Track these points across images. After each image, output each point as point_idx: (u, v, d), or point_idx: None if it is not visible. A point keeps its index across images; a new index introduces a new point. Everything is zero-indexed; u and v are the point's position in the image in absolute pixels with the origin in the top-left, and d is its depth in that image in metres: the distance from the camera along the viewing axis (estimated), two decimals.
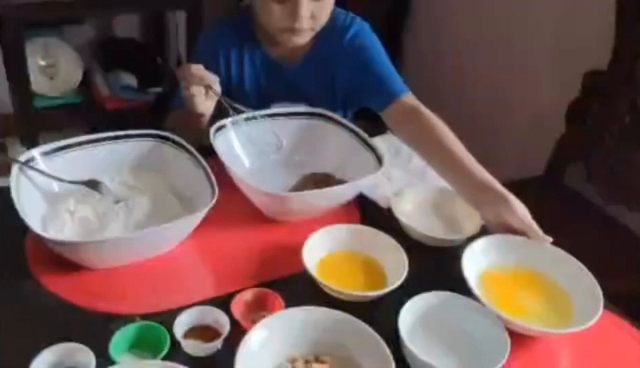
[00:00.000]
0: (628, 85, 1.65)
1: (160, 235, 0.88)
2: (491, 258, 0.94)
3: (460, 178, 0.99)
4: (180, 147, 1.01)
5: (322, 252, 0.93)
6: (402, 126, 1.09)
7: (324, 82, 1.18)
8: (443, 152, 1.01)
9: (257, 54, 1.17)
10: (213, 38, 1.18)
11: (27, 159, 0.92)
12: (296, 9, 1.02)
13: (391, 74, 1.13)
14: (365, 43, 1.14)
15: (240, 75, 1.17)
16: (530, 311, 0.89)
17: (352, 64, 1.14)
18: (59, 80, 2.13)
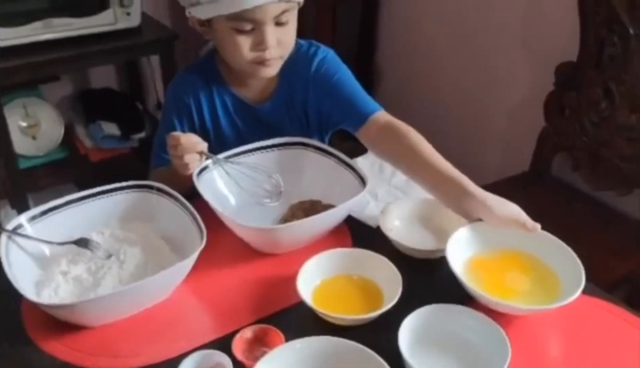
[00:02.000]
0: (599, 72, 1.68)
1: (155, 285, 0.89)
2: (476, 246, 0.96)
3: (440, 189, 1.01)
4: (166, 194, 1.02)
5: (317, 279, 0.94)
6: (377, 144, 1.10)
7: (297, 116, 1.19)
8: (420, 164, 1.02)
9: (228, 97, 1.17)
10: (180, 89, 1.17)
11: (15, 226, 0.93)
12: (263, 37, 1.02)
13: (361, 95, 1.14)
14: (331, 70, 1.15)
15: (215, 121, 1.17)
16: (518, 292, 0.90)
17: (321, 92, 1.15)
18: (42, 139, 2.14)
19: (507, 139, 2.12)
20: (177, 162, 1.01)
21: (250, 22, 1.01)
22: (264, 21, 1.01)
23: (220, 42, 1.09)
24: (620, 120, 1.64)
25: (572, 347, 0.87)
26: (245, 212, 1.07)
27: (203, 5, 1.02)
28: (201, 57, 1.21)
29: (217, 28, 1.06)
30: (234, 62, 1.09)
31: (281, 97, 1.17)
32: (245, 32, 1.03)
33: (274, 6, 1.00)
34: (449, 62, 2.25)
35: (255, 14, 1.00)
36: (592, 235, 1.66)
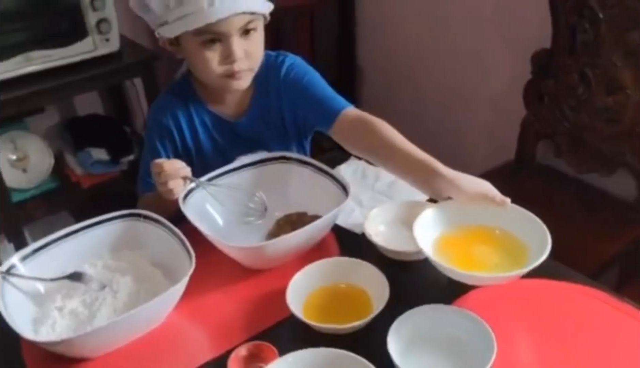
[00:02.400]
0: (573, 58, 1.70)
1: (149, 312, 0.91)
2: (445, 224, 0.98)
3: (411, 173, 1.03)
4: (153, 221, 1.04)
5: (306, 291, 0.96)
6: (350, 138, 1.12)
7: (274, 126, 1.21)
8: (391, 152, 1.04)
9: (206, 115, 1.19)
10: (159, 111, 1.19)
11: (8, 267, 0.95)
12: (230, 50, 1.05)
13: (330, 94, 1.16)
14: (299, 73, 1.18)
15: (196, 140, 1.20)
16: (487, 265, 0.93)
17: (293, 97, 1.18)
18: (32, 171, 2.16)
19: (491, 129, 2.14)
20: (162, 189, 1.03)
21: (217, 36, 1.04)
22: (229, 34, 1.04)
23: (190, 58, 1.12)
24: (598, 103, 1.67)
25: (558, 335, 0.89)
26: (234, 231, 1.10)
27: (170, 24, 1.05)
28: (177, 79, 1.24)
29: (185, 45, 1.09)
30: (206, 78, 1.12)
31: (257, 110, 1.19)
32: (213, 46, 1.05)
33: (238, 18, 1.03)
34: (427, 57, 2.28)
35: (221, 27, 1.02)
36: (581, 218, 1.69)
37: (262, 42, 1.12)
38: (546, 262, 1.00)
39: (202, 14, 1.00)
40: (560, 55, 1.73)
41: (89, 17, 1.91)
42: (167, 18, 1.05)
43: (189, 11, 1.01)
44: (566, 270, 1.01)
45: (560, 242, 1.56)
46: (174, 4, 1.03)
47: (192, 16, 1.01)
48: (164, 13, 1.05)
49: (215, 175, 1.13)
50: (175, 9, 1.03)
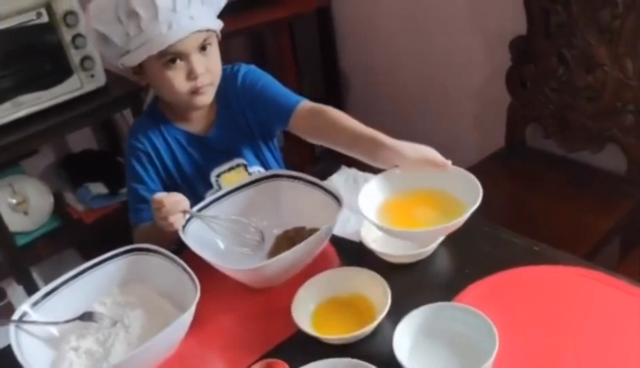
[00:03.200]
0: (550, 42, 1.73)
1: (161, 342, 0.93)
2: (388, 191, 1.03)
3: (358, 147, 1.07)
4: (157, 253, 1.07)
5: (310, 305, 0.99)
6: (305, 128, 1.18)
7: (242, 133, 1.27)
8: (338, 131, 1.11)
9: (178, 134, 1.24)
10: (135, 139, 1.22)
11: (20, 315, 0.98)
12: (191, 67, 1.12)
13: (284, 92, 1.23)
14: (254, 79, 1.25)
15: (174, 159, 1.24)
16: (426, 223, 0.97)
17: (252, 102, 1.24)
18: (33, 213, 2.19)
19: (478, 119, 2.17)
20: (162, 223, 1.06)
21: (178, 56, 1.11)
22: (189, 52, 1.11)
23: (155, 82, 1.17)
24: (579, 83, 1.70)
25: (559, 320, 0.91)
26: (235, 251, 1.12)
27: (132, 52, 1.11)
28: (146, 108, 1.30)
29: (149, 70, 1.14)
30: (173, 97, 1.17)
31: (223, 121, 1.25)
32: (175, 66, 1.12)
33: (195, 37, 1.10)
34: (407, 56, 2.31)
35: (180, 47, 1.10)
36: (576, 197, 1.72)
37: (219, 58, 1.19)
38: (540, 249, 1.04)
39: (162, 37, 1.07)
40: (537, 40, 1.76)
41: (72, 56, 1.94)
42: (129, 47, 1.10)
43: (150, 37, 1.08)
44: (561, 254, 1.03)
45: (557, 222, 1.61)
46: (134, 32, 1.08)
47: (153, 41, 1.08)
48: (126, 43, 1.10)
49: (209, 202, 1.15)
50: (135, 37, 1.09)
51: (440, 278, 1.03)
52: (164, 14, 1.06)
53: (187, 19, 1.08)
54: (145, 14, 1.06)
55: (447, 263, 1.06)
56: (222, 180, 1.26)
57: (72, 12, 1.88)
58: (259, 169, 1.29)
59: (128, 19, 1.07)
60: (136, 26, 1.08)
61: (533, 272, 0.98)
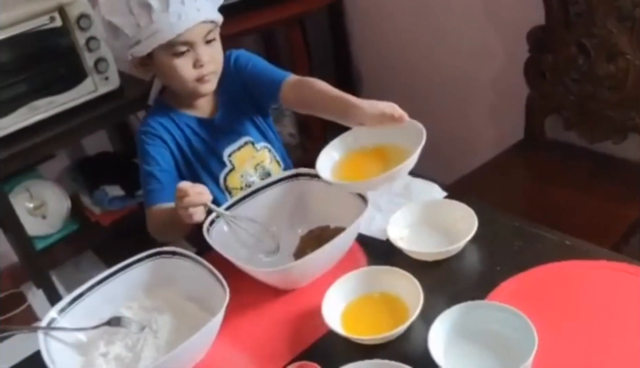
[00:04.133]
0: (569, 31, 1.70)
1: (192, 346, 0.92)
2: (343, 150, 1.10)
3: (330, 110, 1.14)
4: (183, 256, 1.06)
5: (341, 305, 0.97)
6: (293, 101, 1.24)
7: (243, 111, 1.33)
8: (316, 97, 1.18)
9: (190, 120, 1.29)
10: (149, 127, 1.26)
11: (48, 322, 0.97)
12: (198, 56, 1.18)
13: (272, 69, 1.30)
14: (244, 60, 1.32)
15: (189, 144, 1.28)
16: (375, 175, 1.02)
17: (244, 83, 1.31)
18: (51, 217, 2.19)
19: (496, 111, 2.14)
20: (182, 212, 1.05)
21: (185, 45, 1.16)
22: (195, 41, 1.17)
23: (164, 71, 1.21)
24: (600, 72, 1.67)
25: (592, 315, 0.90)
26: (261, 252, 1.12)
27: (143, 42, 1.15)
28: (153, 104, 1.34)
29: (158, 60, 1.19)
30: (179, 85, 1.22)
31: (225, 104, 1.31)
32: (183, 54, 1.17)
33: (200, 27, 1.16)
34: (422, 48, 2.28)
35: (188, 36, 1.15)
36: (600, 188, 1.69)
37: (221, 48, 1.24)
38: (573, 243, 1.02)
39: (172, 27, 1.13)
40: (555, 30, 1.73)
41: (86, 59, 1.93)
42: (140, 37, 1.15)
43: (159, 27, 1.12)
44: (594, 248, 1.01)
45: (581, 214, 1.58)
46: (145, 22, 1.13)
47: (163, 31, 1.13)
48: (136, 33, 1.15)
49: (234, 202, 1.15)
50: (146, 27, 1.13)
51: (471, 275, 1.01)
52: (174, 6, 1.12)
53: (195, 11, 1.14)
54: (157, 5, 1.11)
55: (477, 260, 1.04)
56: (234, 158, 1.30)
57: (85, 15, 1.88)
58: (265, 145, 1.34)
59: (140, 10, 1.12)
60: (147, 17, 1.12)
61: (567, 267, 0.96)
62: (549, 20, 1.74)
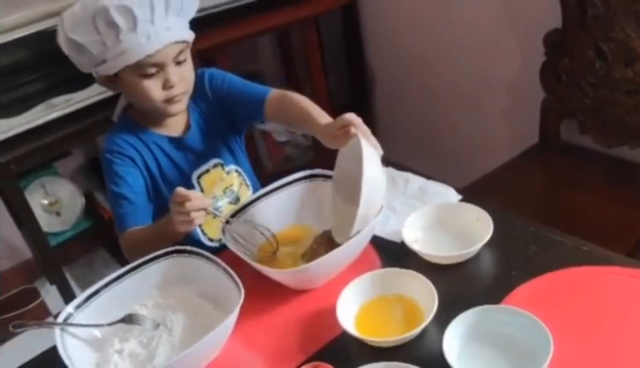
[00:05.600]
0: (586, 34, 1.69)
1: (207, 345, 0.92)
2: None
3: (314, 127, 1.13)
4: (198, 255, 1.06)
5: (355, 306, 0.97)
6: (276, 116, 1.24)
7: (216, 129, 1.30)
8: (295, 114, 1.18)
9: (159, 139, 1.24)
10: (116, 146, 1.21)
11: (65, 317, 0.98)
12: (168, 77, 1.13)
13: (251, 86, 1.28)
14: (219, 80, 1.29)
15: (157, 164, 1.24)
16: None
17: (221, 101, 1.28)
18: (66, 213, 2.22)
19: (511, 115, 2.13)
20: (181, 219, 1.03)
21: (154, 66, 1.12)
22: (165, 63, 1.13)
23: (131, 91, 1.17)
24: (617, 76, 1.65)
25: (608, 321, 0.89)
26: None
27: (109, 62, 1.11)
28: (117, 121, 1.29)
29: (125, 79, 1.14)
30: (148, 105, 1.17)
31: (196, 124, 1.28)
32: (151, 76, 1.13)
33: (171, 48, 1.12)
34: (437, 50, 2.28)
35: (158, 57, 1.11)
36: (615, 193, 1.68)
37: (192, 67, 1.20)
38: (589, 248, 1.01)
39: (140, 48, 1.08)
40: (572, 33, 1.72)
41: None
42: (106, 56, 1.10)
43: (128, 47, 1.08)
44: (611, 253, 1.00)
45: (597, 219, 1.57)
46: (112, 42, 1.08)
47: (131, 51, 1.09)
48: (102, 52, 1.10)
49: (245, 205, 1.16)
50: (113, 47, 1.09)
51: (486, 279, 1.01)
52: (142, 25, 1.07)
53: (164, 30, 1.10)
54: (125, 25, 1.06)
55: (492, 264, 1.03)
56: (203, 181, 1.27)
57: None
58: (235, 168, 1.31)
59: (107, 30, 1.07)
60: (114, 36, 1.07)
61: (583, 272, 0.96)
62: (566, 23, 1.73)
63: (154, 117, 1.23)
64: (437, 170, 1.79)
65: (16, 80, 1.87)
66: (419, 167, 1.18)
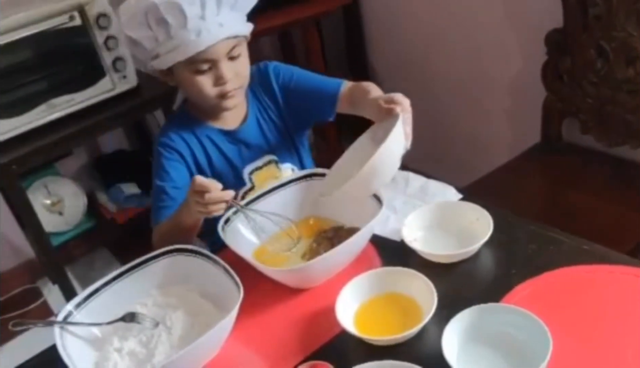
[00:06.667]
0: (588, 34, 1.69)
1: (206, 344, 0.92)
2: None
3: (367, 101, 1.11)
4: (198, 254, 1.06)
5: (354, 305, 0.97)
6: (347, 106, 1.21)
7: (273, 124, 1.28)
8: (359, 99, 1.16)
9: (211, 132, 1.24)
10: (168, 139, 1.21)
11: (65, 316, 0.98)
12: (220, 73, 1.12)
13: (322, 80, 1.25)
14: (288, 74, 1.27)
15: (208, 160, 1.24)
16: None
17: (290, 97, 1.26)
18: (68, 213, 2.22)
19: (513, 114, 2.13)
20: (201, 209, 1.02)
21: (207, 62, 1.11)
22: (218, 59, 1.11)
23: (184, 86, 1.18)
24: (619, 76, 1.65)
25: (609, 320, 0.88)
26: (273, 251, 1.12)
27: (161, 57, 1.11)
28: (175, 111, 1.29)
29: (178, 74, 1.15)
30: (201, 100, 1.18)
31: (255, 114, 1.27)
32: (204, 71, 1.12)
33: (224, 44, 1.10)
34: (439, 50, 2.27)
35: (209, 54, 1.10)
36: (617, 193, 1.67)
37: (248, 62, 1.19)
38: (590, 247, 1.01)
39: (191, 44, 1.08)
40: (574, 32, 1.72)
41: (105, 58, 1.96)
42: (158, 51, 1.11)
43: (179, 43, 1.08)
44: (612, 252, 0.99)
45: (598, 219, 1.57)
46: (164, 37, 1.09)
47: (182, 47, 1.08)
48: (154, 47, 1.11)
49: (246, 202, 1.15)
50: (165, 42, 1.09)
51: (486, 278, 1.00)
52: (193, 22, 1.06)
53: (216, 26, 1.08)
54: (174, 22, 1.06)
55: (492, 263, 1.03)
56: (255, 177, 1.26)
57: (104, 15, 1.90)
58: (291, 167, 1.29)
59: (157, 26, 1.08)
60: (165, 33, 1.08)
61: (583, 271, 0.95)
62: (568, 23, 1.72)
63: (210, 111, 1.23)
64: (437, 169, 1.79)
65: (18, 80, 1.88)
66: (419, 166, 1.18)
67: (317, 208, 1.18)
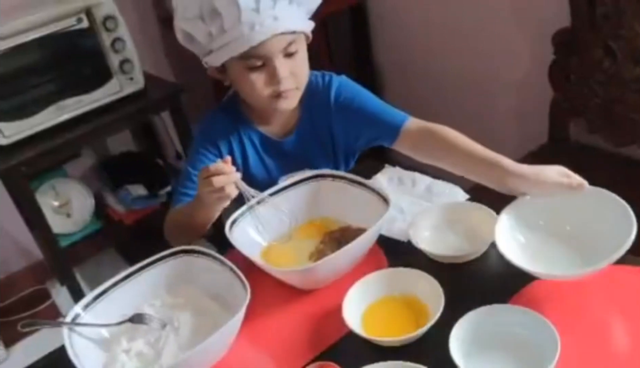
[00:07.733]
0: (595, 33, 1.68)
1: (213, 345, 0.93)
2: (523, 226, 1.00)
3: (483, 176, 1.05)
4: (204, 255, 1.07)
5: (361, 306, 0.97)
6: (418, 150, 1.14)
7: (321, 143, 1.23)
8: (461, 157, 1.08)
9: (255, 135, 1.21)
10: (210, 128, 1.20)
11: (73, 317, 0.99)
12: (275, 71, 1.07)
13: (386, 109, 1.18)
14: (349, 96, 1.19)
15: (244, 159, 1.21)
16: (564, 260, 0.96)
17: (345, 119, 1.19)
18: (75, 215, 2.23)
19: (520, 115, 2.13)
20: (213, 194, 1.00)
21: (260, 58, 1.06)
22: (272, 55, 1.06)
23: (237, 83, 1.14)
24: (627, 75, 1.65)
25: (618, 322, 0.88)
26: (280, 251, 1.12)
27: (215, 52, 1.08)
28: (225, 100, 1.26)
29: (231, 71, 1.12)
30: (253, 100, 1.14)
31: (305, 128, 1.21)
32: (258, 68, 1.07)
33: (279, 39, 1.05)
34: (445, 50, 2.27)
35: (263, 49, 1.04)
36: (626, 193, 1.65)
37: (307, 61, 1.13)
38: None
39: (244, 39, 1.03)
40: (581, 32, 1.71)
41: (112, 60, 1.97)
42: (212, 46, 1.07)
43: (232, 38, 1.04)
44: None
45: None
46: (217, 32, 1.05)
47: (235, 42, 1.04)
48: (208, 42, 1.07)
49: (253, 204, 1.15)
50: (218, 37, 1.05)
51: (493, 279, 1.00)
52: (246, 14, 1.01)
53: (271, 20, 1.02)
54: (228, 14, 1.02)
55: (499, 263, 1.02)
56: None
57: (111, 17, 1.91)
58: None
59: (211, 19, 1.04)
60: (219, 26, 1.04)
61: None
62: (575, 22, 1.72)
63: (260, 111, 1.18)
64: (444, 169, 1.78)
65: (27, 82, 1.89)
66: (426, 167, 1.17)
67: (324, 209, 1.18)
